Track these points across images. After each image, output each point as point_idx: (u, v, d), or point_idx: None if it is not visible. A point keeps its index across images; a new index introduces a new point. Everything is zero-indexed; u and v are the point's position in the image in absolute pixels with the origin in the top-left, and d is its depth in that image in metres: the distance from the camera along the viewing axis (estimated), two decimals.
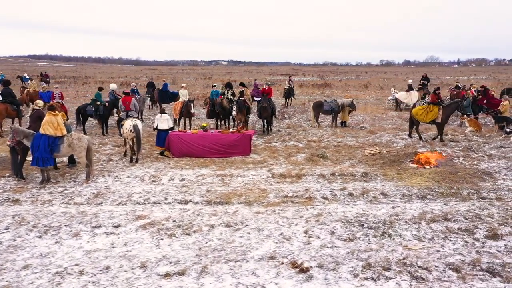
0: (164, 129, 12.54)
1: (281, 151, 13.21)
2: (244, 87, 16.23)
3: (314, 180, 10.35)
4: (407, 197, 9.10)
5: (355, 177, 10.55)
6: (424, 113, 14.57)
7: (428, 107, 14.75)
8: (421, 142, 14.32)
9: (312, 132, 16.75)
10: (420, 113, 14.70)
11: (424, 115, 14.55)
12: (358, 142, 14.54)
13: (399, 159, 12.10)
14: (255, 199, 8.97)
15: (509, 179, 10.36)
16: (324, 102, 18.34)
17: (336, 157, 12.40)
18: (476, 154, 12.67)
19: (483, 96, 17.90)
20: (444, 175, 10.61)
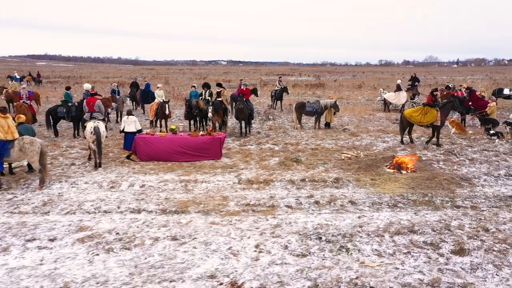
0: (131, 131, 11.98)
1: (255, 155, 12.65)
2: (222, 88, 15.65)
3: (282, 186, 9.79)
4: (376, 206, 8.53)
5: (326, 183, 9.99)
6: (420, 115, 13.62)
7: (423, 109, 13.76)
8: (402, 146, 13.75)
9: (293, 134, 16.19)
10: (415, 115, 13.76)
11: (421, 117, 13.60)
12: (337, 145, 13.97)
13: (376, 164, 11.54)
14: (214, 207, 8.41)
15: (488, 186, 9.80)
16: (307, 103, 17.77)
17: (310, 161, 11.84)
18: (458, 158, 12.10)
19: (468, 98, 17.34)
20: (420, 181, 10.06)
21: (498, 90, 23.85)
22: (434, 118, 13.48)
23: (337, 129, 17.29)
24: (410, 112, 14.14)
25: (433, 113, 13.51)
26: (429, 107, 13.67)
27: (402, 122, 14.18)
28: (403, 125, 14.11)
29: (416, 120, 13.73)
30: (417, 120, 13.71)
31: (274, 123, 19.13)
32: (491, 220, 7.71)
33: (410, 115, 13.92)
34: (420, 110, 13.85)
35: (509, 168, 11.11)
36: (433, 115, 13.48)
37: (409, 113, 14.05)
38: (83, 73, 77.07)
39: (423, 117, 13.60)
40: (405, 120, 13.97)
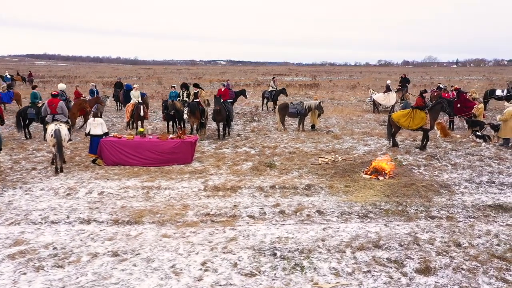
0: (98, 134, 11.40)
1: (229, 159, 12.07)
2: (199, 88, 15.07)
3: (249, 194, 9.21)
4: (345, 216, 7.96)
5: (297, 190, 9.42)
6: (409, 119, 12.87)
7: (412, 112, 13.00)
8: (383, 149, 13.16)
9: (274, 136, 15.61)
10: (403, 119, 13.00)
11: (409, 121, 12.86)
12: (317, 148, 13.39)
13: (353, 169, 10.98)
14: (171, 217, 7.83)
15: (467, 194, 9.22)
16: (290, 104, 17.19)
17: (285, 166, 11.26)
18: (440, 163, 11.53)
19: (457, 99, 16.76)
20: (397, 187, 9.49)
21: (490, 91, 23.28)
22: (423, 121, 12.81)
23: (322, 131, 16.71)
24: (398, 116, 13.35)
25: (421, 116, 12.84)
26: (418, 110, 12.99)
27: (390, 126, 13.44)
28: (391, 128, 13.37)
29: (405, 124, 13.01)
30: (406, 124, 12.99)
31: (258, 125, 18.56)
32: (465, 233, 7.13)
33: (399, 118, 13.17)
34: (408, 113, 13.13)
35: (492, 174, 10.54)
36: (422, 118, 12.82)
37: (397, 117, 13.29)
38: (79, 73, 76.49)
39: (412, 120, 12.90)
40: (393, 123, 13.24)
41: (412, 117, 12.91)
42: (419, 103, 13.43)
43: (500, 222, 7.70)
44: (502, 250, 6.45)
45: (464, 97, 16.92)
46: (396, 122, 13.18)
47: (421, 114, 12.87)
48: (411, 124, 12.94)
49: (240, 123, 19.23)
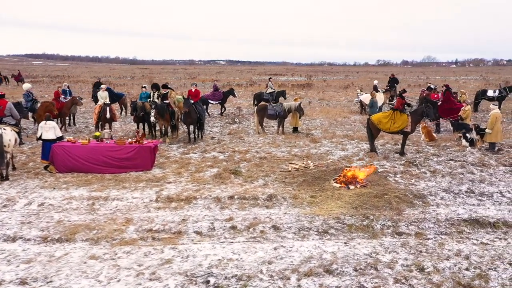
0: (50, 139, 10.59)
1: (193, 165, 11.25)
2: (169, 89, 14.23)
3: (204, 205, 8.40)
4: (303, 232, 7.15)
5: (257, 201, 8.60)
6: (390, 121, 11.99)
7: (393, 114, 12.12)
8: (360, 154, 12.33)
9: (250, 140, 14.79)
10: (384, 121, 12.10)
11: (390, 123, 11.98)
12: (291, 153, 12.57)
13: (324, 176, 10.17)
14: (108, 234, 7.02)
15: (443, 205, 8.41)
16: (269, 105, 16.37)
17: (251, 173, 10.45)
18: (418, 170, 10.71)
19: (442, 100, 15.95)
20: (367, 198, 8.68)
21: (482, 91, 22.46)
22: (405, 124, 11.93)
23: (301, 134, 15.90)
24: (379, 118, 12.40)
25: (403, 118, 11.97)
26: (399, 112, 12.14)
27: (369, 129, 12.47)
28: (372, 131, 12.40)
29: (386, 127, 12.11)
30: (386, 127, 12.10)
31: (238, 127, 17.75)
32: (432, 254, 6.33)
33: (379, 120, 12.25)
34: (389, 116, 12.22)
35: (473, 183, 9.73)
36: (403, 120, 11.94)
37: (377, 118, 12.35)
38: (75, 73, 75.26)
39: (392, 123, 12.02)
40: (373, 126, 12.31)
41: (393, 119, 12.05)
42: (399, 105, 12.55)
43: (474, 239, 6.90)
44: (470, 276, 5.64)
45: (449, 96, 16.10)
46: (376, 125, 12.27)
47: (402, 117, 12.01)
48: (391, 127, 12.07)
49: (219, 125, 18.45)
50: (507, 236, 7.03)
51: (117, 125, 17.93)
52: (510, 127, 17.59)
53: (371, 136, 12.54)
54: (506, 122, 18.98)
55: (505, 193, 9.04)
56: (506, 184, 9.67)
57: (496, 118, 12.25)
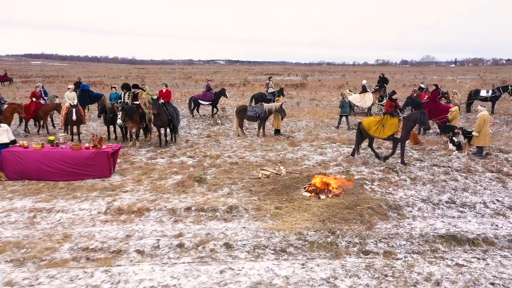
0: (3, 143, 9.82)
1: (157, 171, 10.47)
2: (139, 89, 13.44)
3: (156, 218, 7.62)
4: (258, 251, 6.37)
5: (216, 213, 7.82)
6: (380, 126, 11.10)
7: (383, 118, 11.25)
8: (338, 159, 11.53)
9: (227, 143, 14.00)
10: (374, 126, 11.20)
11: (380, 129, 11.09)
12: (265, 158, 11.77)
13: (295, 184, 9.39)
14: (37, 254, 6.24)
15: (420, 218, 7.62)
16: (249, 106, 15.59)
17: (217, 181, 9.66)
18: (398, 177, 9.92)
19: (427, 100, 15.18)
20: (337, 210, 7.90)
21: (474, 91, 21.65)
22: (394, 130, 10.93)
23: (282, 136, 15.11)
24: (369, 122, 11.46)
25: (392, 123, 10.99)
26: (389, 116, 11.18)
27: (360, 133, 11.59)
28: (361, 137, 11.57)
29: (376, 133, 11.19)
30: (376, 133, 11.17)
31: (219, 129, 16.98)
32: (398, 279, 5.54)
33: (369, 126, 11.31)
34: (379, 121, 11.29)
35: (455, 191, 8.94)
36: (393, 125, 10.96)
37: (368, 123, 11.42)
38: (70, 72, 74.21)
39: (382, 129, 11.06)
40: (364, 131, 11.40)
41: (383, 125, 11.09)
42: (388, 108, 11.56)
43: (449, 260, 6.11)
44: None
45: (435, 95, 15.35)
46: (367, 130, 11.30)
47: (392, 121, 11.03)
48: (381, 133, 11.10)
49: (201, 126, 17.67)
50: (486, 256, 6.24)
51: (92, 127, 17.17)
52: (503, 128, 16.79)
53: (359, 142, 11.71)
54: (499, 123, 18.20)
55: (489, 204, 8.25)
56: (491, 193, 8.88)
57: (484, 121, 11.47)
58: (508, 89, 20.74)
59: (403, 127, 10.85)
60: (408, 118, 11.11)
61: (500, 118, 19.43)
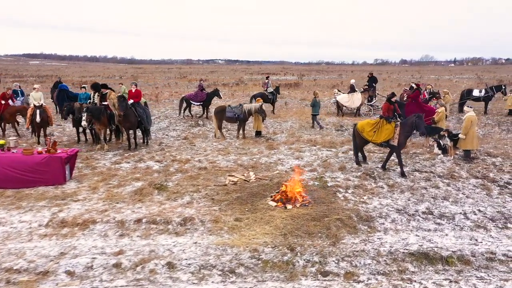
0: None
1: (118, 177, 9.75)
2: (108, 89, 12.70)
3: (100, 232, 6.89)
4: (204, 272, 5.65)
5: (168, 226, 7.10)
6: (375, 129, 10.18)
7: (380, 122, 10.26)
8: (314, 164, 10.79)
9: (202, 145, 13.29)
10: (368, 129, 10.32)
11: (375, 132, 10.16)
12: (237, 162, 11.04)
13: (264, 192, 8.68)
14: None
15: (392, 231, 6.89)
16: (227, 107, 14.85)
17: (179, 188, 8.94)
18: (375, 184, 9.20)
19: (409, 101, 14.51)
20: (303, 221, 7.19)
21: (467, 91, 20.94)
22: (389, 135, 9.94)
23: (261, 138, 14.40)
24: (363, 125, 10.57)
25: (388, 128, 10.00)
26: (385, 121, 10.20)
27: (354, 137, 10.80)
28: (356, 140, 10.73)
29: (369, 136, 10.32)
30: (370, 136, 10.30)
31: (199, 131, 16.26)
32: None
33: (363, 128, 10.46)
34: (375, 124, 10.34)
35: (434, 200, 8.21)
36: (389, 131, 9.98)
37: (362, 126, 10.55)
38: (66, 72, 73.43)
39: (377, 133, 10.14)
40: (358, 134, 10.57)
41: (379, 128, 10.15)
42: (385, 111, 10.40)
43: (417, 282, 5.39)
44: None
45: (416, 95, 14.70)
46: (360, 133, 10.43)
47: (388, 126, 10.03)
48: (375, 137, 10.17)
49: (181, 128, 16.95)
50: (460, 277, 5.52)
51: (70, 128, 16.42)
52: (494, 130, 16.06)
53: (356, 146, 10.78)
54: (492, 124, 17.47)
55: (469, 215, 7.52)
56: (474, 202, 8.15)
57: (471, 122, 10.75)
58: (502, 88, 19.99)
59: (400, 133, 9.78)
60: (405, 123, 9.93)
61: (493, 119, 18.72)
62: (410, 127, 9.72)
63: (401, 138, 9.78)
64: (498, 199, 8.33)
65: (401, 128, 9.81)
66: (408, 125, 9.75)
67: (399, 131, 9.76)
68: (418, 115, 9.79)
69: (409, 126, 9.72)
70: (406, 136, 9.88)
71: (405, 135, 9.78)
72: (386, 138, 9.96)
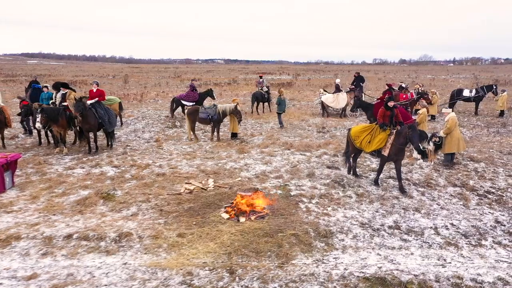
0: None
1: (66, 185, 8.95)
2: (68, 89, 11.89)
3: (22, 250, 6.11)
4: None
5: (100, 243, 6.31)
6: (368, 136, 8.88)
7: (374, 128, 8.98)
8: (282, 170, 9.99)
9: (170, 149, 12.50)
10: (362, 136, 8.99)
11: (368, 139, 8.86)
12: (200, 168, 10.24)
13: (219, 202, 7.90)
14: None
15: (351, 249, 6.10)
16: (201, 108, 14.06)
17: (128, 198, 8.15)
18: (343, 193, 8.40)
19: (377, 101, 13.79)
20: (253, 237, 6.41)
21: (457, 91, 20.16)
22: (380, 144, 8.64)
23: (236, 141, 13.60)
24: (357, 131, 9.21)
25: (381, 136, 8.69)
26: (380, 128, 8.86)
27: (348, 143, 9.56)
28: (349, 147, 9.46)
29: (361, 143, 8.98)
30: (363, 144, 8.96)
31: (173, 133, 15.46)
32: None
33: (356, 134, 9.14)
34: (369, 130, 9.05)
35: (405, 212, 7.42)
36: (381, 139, 8.66)
37: (355, 132, 9.21)
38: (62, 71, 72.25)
39: (372, 140, 8.81)
40: (350, 140, 9.34)
41: (372, 135, 8.87)
42: (381, 117, 8.86)
43: None
44: None
45: (383, 98, 13.96)
46: (353, 140, 9.17)
47: (381, 134, 8.71)
48: (367, 145, 8.85)
49: (156, 130, 16.16)
50: None
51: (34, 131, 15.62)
52: (483, 132, 15.27)
53: (348, 152, 9.55)
54: (481, 125, 16.68)
55: (440, 229, 6.73)
56: (448, 214, 7.37)
57: (455, 123, 9.96)
58: (493, 88, 19.18)
59: (393, 143, 8.45)
60: (400, 132, 8.43)
61: (483, 120, 17.93)
62: (404, 138, 8.27)
63: (392, 149, 8.43)
64: (475, 210, 7.54)
65: (396, 138, 8.44)
66: (402, 135, 8.30)
67: (392, 141, 8.45)
68: (412, 125, 8.33)
69: (404, 137, 8.27)
70: (399, 149, 8.39)
71: (398, 147, 8.36)
72: (377, 146, 8.70)
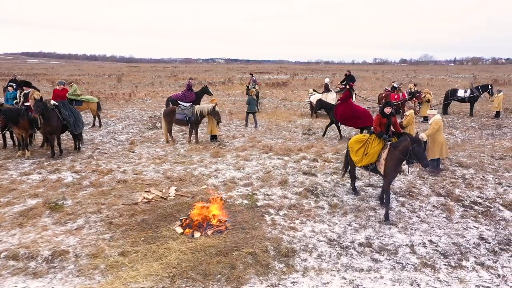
0: None
1: (16, 192, 8.22)
2: (31, 88, 11.15)
3: None
4: None
5: (30, 262, 5.57)
6: (362, 148, 7.63)
7: (370, 138, 7.64)
8: (253, 177, 9.21)
9: (141, 152, 11.76)
10: (356, 147, 7.74)
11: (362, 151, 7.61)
12: (166, 174, 9.49)
13: (177, 214, 7.16)
14: None
15: (313, 272, 5.35)
16: (177, 109, 13.30)
17: (77, 208, 7.41)
18: (315, 203, 7.65)
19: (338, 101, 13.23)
20: (205, 257, 5.68)
21: (451, 91, 19.37)
22: (374, 158, 7.41)
23: (214, 143, 12.85)
24: (353, 142, 7.89)
25: (376, 148, 7.41)
26: (376, 138, 7.53)
27: (347, 154, 8.24)
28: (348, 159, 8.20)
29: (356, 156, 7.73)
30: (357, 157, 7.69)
31: (153, 134, 14.72)
32: None
33: (352, 145, 7.88)
34: (364, 141, 7.71)
35: (380, 226, 6.66)
36: (375, 153, 7.40)
37: (352, 143, 7.91)
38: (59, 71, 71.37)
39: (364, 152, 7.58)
40: (348, 151, 8.11)
41: (367, 147, 7.59)
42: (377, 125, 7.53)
43: None
44: None
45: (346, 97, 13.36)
46: (350, 151, 7.94)
47: (376, 146, 7.45)
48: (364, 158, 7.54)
49: (135, 131, 15.42)
50: None
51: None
52: (476, 134, 14.48)
53: (347, 165, 8.27)
54: (475, 127, 15.90)
55: (417, 248, 5.97)
56: (428, 228, 6.60)
57: (439, 127, 9.20)
58: (488, 88, 18.40)
59: (387, 158, 7.16)
60: (396, 145, 7.13)
61: (478, 122, 17.15)
62: (401, 153, 6.95)
63: (389, 164, 7.13)
64: (459, 224, 6.78)
65: (390, 151, 7.17)
66: (399, 149, 6.99)
67: (386, 155, 7.19)
68: (416, 139, 6.87)
69: (401, 152, 6.96)
70: (396, 163, 7.11)
71: (395, 162, 7.09)
72: (370, 160, 7.48)
